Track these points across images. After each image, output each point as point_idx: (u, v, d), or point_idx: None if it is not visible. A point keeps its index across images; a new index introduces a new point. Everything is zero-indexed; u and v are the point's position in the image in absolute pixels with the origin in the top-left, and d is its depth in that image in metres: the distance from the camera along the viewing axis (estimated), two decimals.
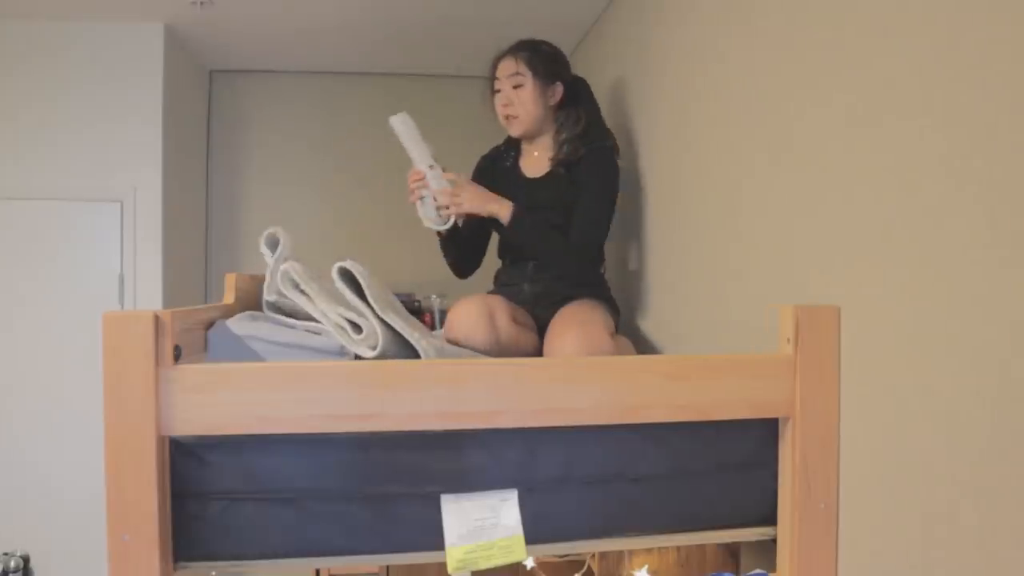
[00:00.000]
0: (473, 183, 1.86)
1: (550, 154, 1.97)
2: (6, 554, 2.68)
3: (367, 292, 1.23)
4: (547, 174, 1.96)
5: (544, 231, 1.84)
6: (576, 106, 1.98)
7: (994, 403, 0.81)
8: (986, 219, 0.82)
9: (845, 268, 1.08)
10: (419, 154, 1.77)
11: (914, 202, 0.93)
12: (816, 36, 1.17)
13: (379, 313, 1.21)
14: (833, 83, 1.12)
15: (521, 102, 1.92)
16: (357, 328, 1.21)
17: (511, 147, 2.08)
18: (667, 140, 1.90)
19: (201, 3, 2.63)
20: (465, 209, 1.80)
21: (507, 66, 1.94)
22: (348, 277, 1.26)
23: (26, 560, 2.70)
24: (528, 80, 1.91)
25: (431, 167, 1.77)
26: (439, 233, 1.91)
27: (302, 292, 1.27)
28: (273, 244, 1.42)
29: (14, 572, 2.65)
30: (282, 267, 1.30)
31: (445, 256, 2.03)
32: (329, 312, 1.24)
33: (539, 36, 2.02)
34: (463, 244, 2.00)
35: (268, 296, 1.39)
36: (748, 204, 1.41)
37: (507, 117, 1.95)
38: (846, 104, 1.08)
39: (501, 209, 1.80)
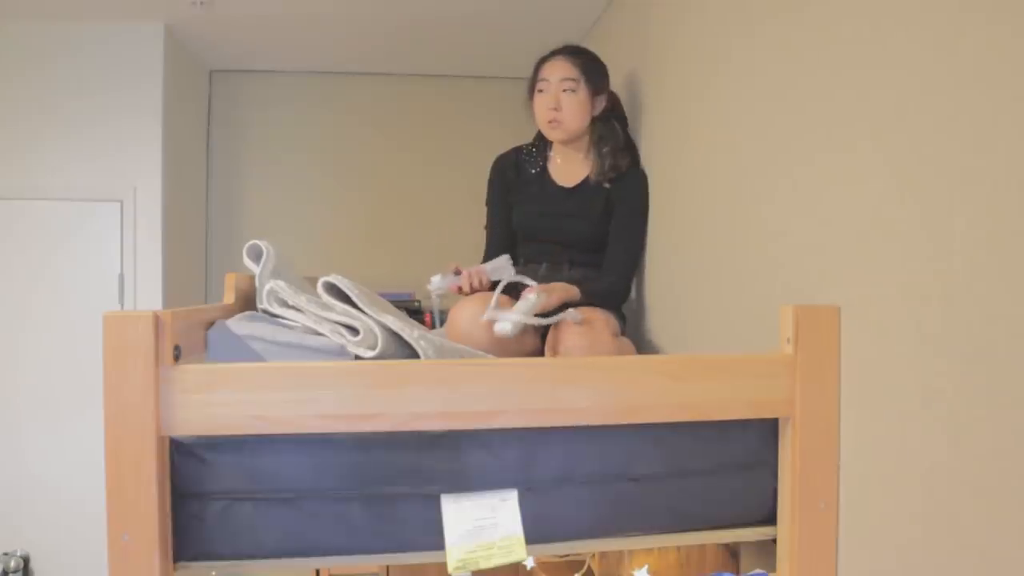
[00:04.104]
0: (557, 290, 1.73)
1: (586, 164, 1.98)
2: (6, 554, 2.68)
3: (356, 300, 1.24)
4: (581, 183, 1.97)
5: (604, 290, 1.85)
6: (612, 119, 1.99)
7: (994, 403, 0.81)
8: (987, 219, 0.82)
9: (845, 268, 1.08)
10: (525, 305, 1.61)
11: (914, 202, 0.93)
12: (817, 35, 1.17)
13: (373, 315, 1.22)
14: (834, 82, 1.12)
15: (570, 108, 1.89)
16: (353, 331, 1.21)
17: (538, 152, 2.04)
18: (667, 140, 1.90)
19: (201, 3, 2.63)
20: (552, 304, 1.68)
21: (560, 68, 1.90)
22: (335, 290, 1.27)
23: (26, 560, 2.70)
24: (581, 87, 1.89)
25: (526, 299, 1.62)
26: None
27: (291, 307, 1.27)
28: (256, 255, 1.42)
29: (14, 572, 2.65)
30: (267, 287, 1.31)
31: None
32: (322, 321, 1.24)
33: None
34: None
35: (260, 305, 1.40)
36: (749, 204, 1.41)
37: (551, 120, 1.91)
38: (847, 103, 1.08)
39: (570, 296, 1.76)
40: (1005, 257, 0.79)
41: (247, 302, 1.54)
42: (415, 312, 3.11)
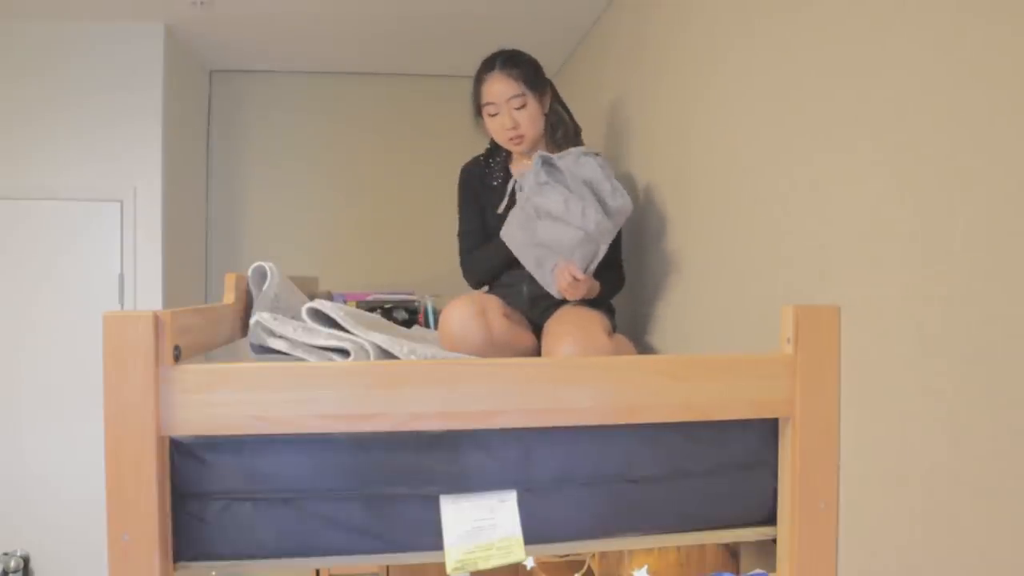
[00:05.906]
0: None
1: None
2: (6, 554, 2.68)
3: (342, 322, 1.26)
4: None
5: (611, 286, 1.86)
6: (556, 104, 1.98)
7: (994, 403, 0.81)
8: (987, 219, 0.82)
9: (845, 268, 1.08)
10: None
11: (914, 202, 0.93)
12: (817, 34, 1.17)
13: (361, 335, 1.24)
14: (834, 82, 1.12)
15: (527, 121, 1.88)
16: (344, 353, 1.23)
17: (495, 161, 2.03)
18: (667, 140, 1.90)
19: (201, 3, 2.63)
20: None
21: (504, 87, 1.88)
22: (321, 315, 1.29)
23: (26, 560, 2.70)
24: (529, 98, 1.88)
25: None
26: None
27: (279, 337, 1.29)
28: (260, 276, 1.46)
29: (14, 572, 2.65)
30: (252, 320, 1.33)
31: (485, 281, 1.99)
32: (311, 350, 1.26)
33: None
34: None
35: (250, 340, 1.42)
36: (749, 204, 1.41)
37: (512, 138, 1.90)
38: (847, 103, 1.08)
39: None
40: (1005, 257, 0.79)
41: (247, 302, 1.55)
42: (415, 311, 3.11)
